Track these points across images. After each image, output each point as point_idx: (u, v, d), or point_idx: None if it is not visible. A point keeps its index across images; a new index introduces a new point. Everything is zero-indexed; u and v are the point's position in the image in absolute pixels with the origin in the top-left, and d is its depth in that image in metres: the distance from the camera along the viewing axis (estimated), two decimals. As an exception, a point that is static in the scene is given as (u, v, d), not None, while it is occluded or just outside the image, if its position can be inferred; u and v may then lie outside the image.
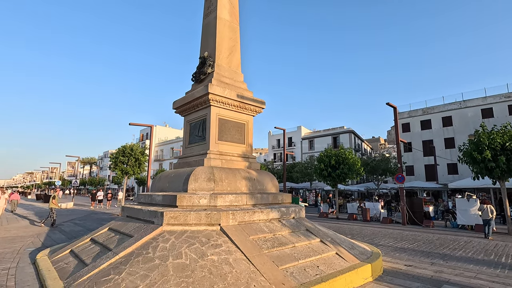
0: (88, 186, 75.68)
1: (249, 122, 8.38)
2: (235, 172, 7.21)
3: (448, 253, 8.38)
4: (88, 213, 21.14)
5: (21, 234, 10.94)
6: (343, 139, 46.97)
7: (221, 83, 7.84)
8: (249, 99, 8.14)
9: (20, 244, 8.78)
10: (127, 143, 22.42)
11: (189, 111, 8.33)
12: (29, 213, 20.29)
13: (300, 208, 7.41)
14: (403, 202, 16.40)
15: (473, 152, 14.18)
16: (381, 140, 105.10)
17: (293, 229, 6.49)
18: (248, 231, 5.72)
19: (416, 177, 35.39)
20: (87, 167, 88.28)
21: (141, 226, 5.98)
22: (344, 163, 19.85)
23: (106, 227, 7.09)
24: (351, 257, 6.01)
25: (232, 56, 8.75)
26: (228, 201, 6.40)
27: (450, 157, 33.38)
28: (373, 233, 12.36)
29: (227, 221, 5.71)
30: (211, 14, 8.86)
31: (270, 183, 7.88)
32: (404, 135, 36.81)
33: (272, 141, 57.87)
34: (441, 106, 36.30)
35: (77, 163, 45.07)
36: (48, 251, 7.25)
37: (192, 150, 8.08)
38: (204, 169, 6.77)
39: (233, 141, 7.93)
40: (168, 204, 6.37)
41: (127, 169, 21.49)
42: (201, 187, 6.54)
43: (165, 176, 7.76)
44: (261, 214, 6.36)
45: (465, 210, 14.30)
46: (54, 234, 10.86)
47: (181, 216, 5.57)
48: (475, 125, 31.43)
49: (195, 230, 5.50)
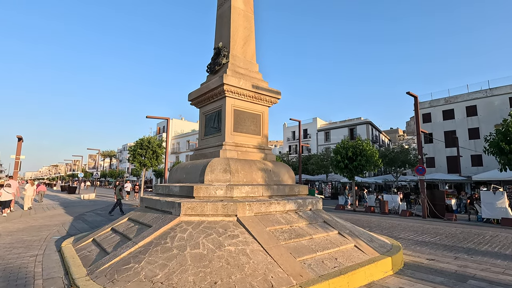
0: (109, 178, 78.51)
1: (265, 113, 8.27)
2: (251, 164, 7.16)
3: (473, 248, 8.04)
4: (109, 204, 21.89)
5: (47, 223, 11.46)
6: (360, 131, 45.96)
7: (236, 73, 7.75)
8: (265, 90, 8.01)
9: (47, 233, 9.19)
10: (145, 136, 22.88)
11: (204, 103, 8.31)
12: (55, 203, 21.27)
13: (317, 200, 7.29)
14: (424, 195, 15.88)
15: (500, 142, 13.49)
16: (400, 131, 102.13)
17: (310, 220, 6.40)
18: (264, 222, 5.68)
19: (437, 169, 34.23)
20: (107, 160, 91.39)
21: (159, 216, 6.08)
22: (361, 155, 19.40)
23: (126, 217, 7.27)
24: (370, 250, 5.86)
25: (247, 46, 8.61)
26: (244, 192, 6.37)
27: (474, 148, 31.97)
28: (392, 226, 12.07)
29: (244, 212, 5.70)
30: (225, 4, 8.72)
31: (286, 174, 7.79)
32: (424, 125, 35.52)
33: (287, 133, 57.48)
34: (465, 95, 34.66)
35: (97, 155, 46.61)
36: (72, 239, 7.54)
37: (208, 141, 8.08)
38: (220, 161, 6.77)
39: (248, 132, 7.86)
40: (185, 195, 6.42)
41: (145, 161, 21.97)
42: (217, 178, 6.55)
43: (182, 168, 7.83)
44: (278, 206, 6.30)
45: (490, 203, 13.67)
46: (78, 224, 11.31)
47: (198, 206, 5.60)
48: (502, 114, 29.85)
49: (212, 221, 5.52)
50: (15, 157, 17.27)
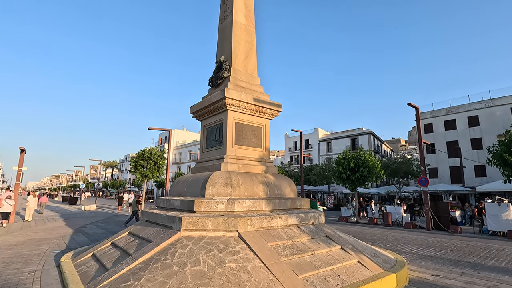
0: (110, 189, 78.32)
1: (266, 125, 8.29)
2: (252, 177, 7.13)
3: (479, 262, 7.87)
4: (110, 215, 21.76)
5: (47, 236, 11.37)
6: (362, 141, 45.88)
7: (237, 87, 7.81)
8: (266, 103, 8.05)
9: (46, 246, 9.11)
10: (147, 147, 22.94)
11: (206, 116, 8.35)
12: (55, 215, 21.16)
13: (320, 214, 7.21)
14: (427, 206, 15.69)
15: (504, 153, 13.37)
16: (402, 141, 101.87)
17: (313, 235, 6.31)
18: (266, 238, 5.61)
19: (440, 180, 33.94)
20: (109, 170, 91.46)
21: (160, 231, 6.02)
22: (363, 166, 19.30)
23: (126, 231, 7.21)
24: (374, 266, 5.75)
25: (248, 59, 8.71)
26: (246, 206, 6.32)
27: (477, 159, 31.73)
28: (396, 239, 11.88)
29: (245, 227, 5.63)
30: (227, 18, 8.87)
31: (288, 187, 7.73)
32: (426, 136, 35.44)
33: (288, 143, 57.45)
34: (466, 105, 34.67)
35: (99, 166, 46.65)
36: (72, 254, 7.46)
37: (209, 154, 8.08)
38: (221, 174, 6.74)
39: (249, 145, 7.86)
40: (186, 209, 6.37)
41: (147, 172, 21.96)
42: (218, 192, 6.51)
43: (183, 181, 7.80)
44: (279, 220, 6.23)
45: (495, 215, 13.47)
46: (78, 237, 11.21)
47: (199, 221, 5.55)
48: (504, 125, 29.76)
49: (213, 236, 5.45)
50: (17, 169, 17.29)
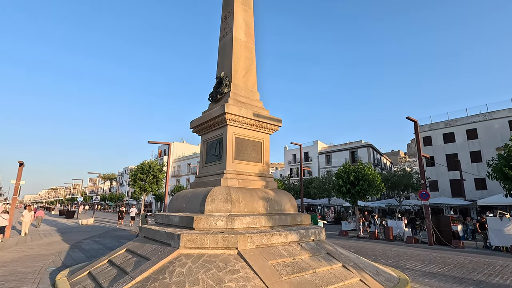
0: (108, 202, 77.52)
1: (266, 140, 8.31)
2: (252, 192, 7.08)
3: (483, 280, 7.72)
4: (107, 229, 21.44)
5: (43, 252, 11.15)
6: (361, 153, 45.90)
7: (237, 102, 7.87)
8: (266, 118, 8.10)
9: (42, 263, 8.91)
10: (146, 160, 22.90)
11: (206, 131, 8.38)
12: (52, 229, 20.84)
13: (320, 230, 7.12)
14: (429, 220, 15.53)
15: (503, 167, 13.37)
16: (401, 153, 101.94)
17: (313, 252, 6.21)
18: (266, 256, 5.51)
19: (441, 193, 33.74)
20: (108, 183, 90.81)
21: (158, 248, 5.92)
22: (363, 179, 19.22)
23: (123, 248, 7.08)
24: (377, 284, 5.63)
25: (248, 75, 8.82)
26: (246, 223, 6.24)
27: (477, 172, 31.68)
28: (398, 255, 11.68)
29: (245, 245, 5.54)
30: (227, 35, 9.05)
31: (288, 203, 7.67)
32: (425, 148, 35.49)
33: (288, 156, 57.41)
34: (464, 118, 34.92)
35: (98, 179, 46.37)
36: (68, 271, 7.30)
37: (209, 169, 8.05)
38: (221, 190, 6.69)
39: (249, 160, 7.85)
40: (185, 226, 6.29)
41: (145, 186, 21.83)
42: (218, 208, 6.44)
43: (182, 196, 7.74)
44: (280, 237, 6.14)
45: (498, 230, 13.32)
46: (74, 253, 11.00)
47: (198, 239, 5.46)
48: (502, 138, 29.90)
49: (212, 254, 5.36)
50: (15, 183, 17.15)
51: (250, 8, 9.66)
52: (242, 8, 9.31)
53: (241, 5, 9.31)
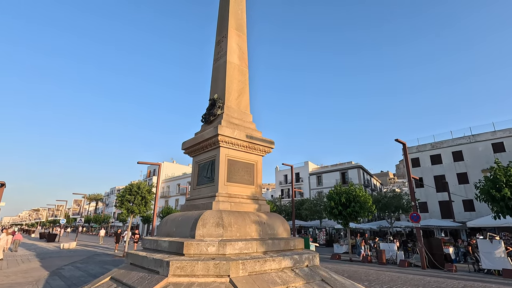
0: (93, 224, 74.51)
1: (258, 162, 8.26)
2: (245, 216, 6.92)
3: (479, 306, 7.59)
4: (91, 254, 20.43)
5: (19, 280, 10.45)
6: (351, 175, 46.21)
7: (230, 124, 7.88)
8: (258, 139, 8.10)
9: (18, 293, 8.31)
10: (134, 181, 22.33)
11: (198, 152, 8.29)
12: (31, 254, 19.70)
13: (314, 255, 6.95)
14: (421, 244, 15.45)
15: (490, 189, 13.63)
16: (390, 174, 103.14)
17: (307, 279, 6.01)
18: (259, 283, 5.29)
19: (431, 214, 33.96)
20: (93, 204, 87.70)
21: (145, 276, 5.62)
22: (355, 201, 19.23)
23: (107, 276, 6.70)
24: (373, 313, 5.44)
25: (241, 97, 8.92)
26: (238, 248, 6.04)
27: (465, 193, 32.19)
28: (392, 279, 11.47)
29: (237, 272, 5.32)
30: (221, 59, 9.22)
31: (281, 227, 7.51)
32: (414, 170, 36.06)
33: (279, 177, 57.24)
34: (450, 141, 35.96)
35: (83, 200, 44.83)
36: (46, 302, 6.81)
37: (200, 192, 7.88)
38: (213, 213, 6.52)
39: (242, 182, 7.73)
40: (175, 252, 6.03)
41: (133, 207, 21.12)
42: (209, 233, 6.23)
43: (172, 220, 7.49)
44: (273, 263, 5.94)
45: (489, 253, 13.33)
46: (54, 281, 10.34)
47: (188, 266, 5.23)
48: (487, 160, 30.76)
49: (203, 282, 5.11)
50: (-5, 204, 16.34)
51: (244, 33, 9.95)
52: (236, 33, 9.58)
53: (235, 30, 9.58)
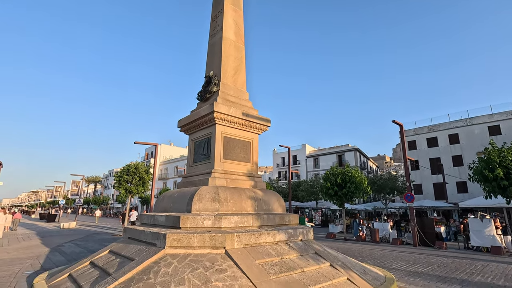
0: (92, 205, 75.33)
1: (255, 140, 8.27)
2: (241, 192, 7.01)
3: (466, 278, 7.90)
4: (90, 233, 20.78)
5: (20, 255, 10.66)
6: (348, 157, 46.52)
7: (226, 101, 7.82)
8: (255, 117, 8.07)
9: (19, 267, 8.50)
10: (132, 162, 22.38)
11: (194, 130, 8.27)
12: (31, 233, 20.01)
13: (308, 230, 7.11)
14: (414, 223, 15.83)
15: (483, 170, 13.81)
16: (387, 158, 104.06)
17: (301, 252, 6.19)
18: (254, 255, 5.44)
19: (425, 196, 34.55)
20: (92, 186, 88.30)
21: (143, 248, 5.75)
22: (350, 182, 19.46)
23: (106, 250, 6.85)
24: (364, 283, 5.65)
25: (237, 75, 8.79)
26: (233, 222, 6.16)
27: (459, 175, 32.66)
28: (384, 256, 11.83)
29: (232, 244, 5.46)
30: (217, 35, 9.00)
31: (276, 203, 7.64)
32: (410, 152, 36.32)
33: (276, 159, 57.56)
34: (447, 124, 36.02)
35: (81, 181, 45.01)
36: (46, 274, 6.99)
37: (197, 169, 7.93)
38: (209, 189, 6.59)
39: (238, 160, 7.78)
40: (171, 226, 6.15)
41: (131, 188, 21.30)
42: (205, 208, 6.33)
43: (168, 196, 7.57)
44: (268, 236, 6.09)
45: (479, 231, 13.71)
46: (54, 256, 10.57)
47: (184, 238, 5.34)
48: (483, 142, 30.98)
49: (199, 254, 5.25)
50: (-8, 184, 16.41)
51: (240, 8, 9.66)
52: (232, 8, 9.31)
53: (231, 5, 9.30)
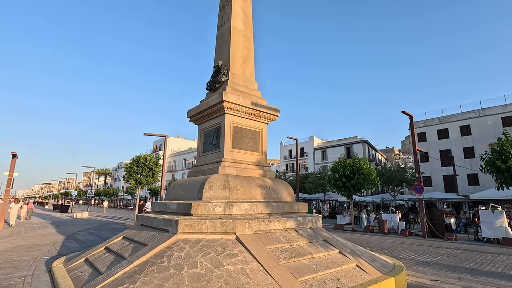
0: (103, 197, 77.04)
1: (263, 130, 8.30)
2: (250, 180, 7.09)
3: (476, 268, 7.87)
4: (102, 223, 21.34)
5: (37, 242, 11.06)
6: (356, 149, 46.19)
7: (235, 91, 7.84)
8: (264, 107, 8.08)
9: (37, 253, 8.85)
10: (141, 154, 22.71)
11: (203, 119, 8.34)
12: (46, 222, 20.68)
13: (317, 218, 7.17)
14: (423, 214, 15.74)
15: (496, 161, 13.58)
16: (395, 150, 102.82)
17: (311, 239, 6.26)
18: (264, 241, 5.54)
19: (434, 188, 34.18)
20: (102, 178, 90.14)
21: (156, 234, 5.90)
22: (359, 173, 19.37)
23: (120, 236, 7.06)
24: (373, 270, 5.70)
25: (246, 64, 8.78)
26: (243, 209, 6.26)
27: (470, 167, 32.12)
28: (392, 246, 11.84)
29: (243, 230, 5.56)
30: (225, 24, 8.97)
31: (285, 191, 7.70)
32: (420, 144, 35.83)
33: (284, 152, 57.54)
34: (458, 115, 35.30)
35: (92, 173, 45.94)
36: (64, 259, 7.26)
37: (207, 158, 8.03)
38: (219, 177, 6.69)
39: (247, 149, 7.84)
40: (183, 212, 6.28)
41: (141, 179, 21.66)
42: (216, 195, 6.44)
43: (179, 184, 7.71)
44: (277, 223, 6.17)
45: (490, 223, 13.56)
46: (70, 243, 10.94)
47: (196, 224, 5.46)
48: (495, 134, 30.30)
49: (210, 239, 5.37)
50: (8, 174, 16.91)
51: (249, -3, 9.57)
52: (241, -3, 9.22)
53: (239, -6, 9.21)
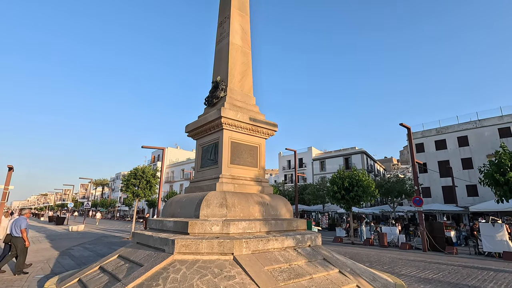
0: (100, 208, 76.13)
1: (262, 145, 8.28)
2: (248, 197, 7.01)
3: (478, 286, 7.72)
4: (99, 236, 20.99)
5: (30, 259, 10.79)
6: (355, 160, 46.18)
7: (233, 106, 7.85)
8: (262, 122, 8.08)
9: (30, 270, 8.62)
10: (139, 166, 22.58)
11: (201, 135, 8.32)
12: (41, 236, 20.30)
13: (316, 235, 7.07)
14: (423, 227, 15.59)
15: (494, 173, 13.54)
16: (394, 160, 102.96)
17: (310, 258, 6.14)
18: (262, 261, 5.42)
19: (434, 200, 34.04)
20: (99, 189, 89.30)
21: (152, 254, 5.78)
22: (358, 185, 19.27)
23: (115, 254, 6.90)
24: (374, 290, 5.58)
25: (244, 80, 8.83)
26: (241, 228, 6.16)
27: (468, 178, 32.10)
28: (393, 261, 11.66)
29: (241, 250, 5.45)
30: (224, 40, 9.07)
31: (284, 208, 7.61)
32: (418, 155, 35.88)
33: (282, 162, 57.44)
34: (455, 126, 35.51)
35: (89, 185, 45.53)
36: (57, 279, 7.07)
37: (204, 174, 7.97)
38: (216, 194, 6.61)
39: (245, 165, 7.79)
40: (180, 231, 6.18)
41: (138, 191, 21.46)
42: (213, 213, 6.35)
43: (176, 201, 7.62)
44: (276, 242, 6.07)
45: (490, 236, 13.43)
46: (64, 260, 10.69)
47: (193, 244, 5.36)
48: (493, 145, 30.45)
49: (207, 260, 5.25)
50: (4, 187, 16.71)
51: (247, 14, 9.73)
52: (239, 13, 9.38)
53: (238, 10, 9.37)
